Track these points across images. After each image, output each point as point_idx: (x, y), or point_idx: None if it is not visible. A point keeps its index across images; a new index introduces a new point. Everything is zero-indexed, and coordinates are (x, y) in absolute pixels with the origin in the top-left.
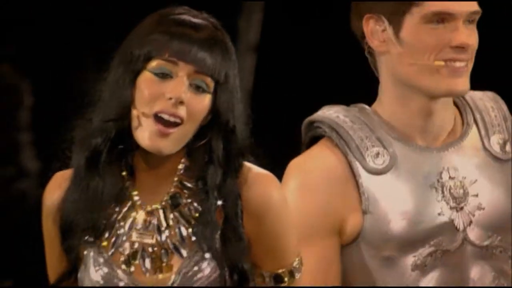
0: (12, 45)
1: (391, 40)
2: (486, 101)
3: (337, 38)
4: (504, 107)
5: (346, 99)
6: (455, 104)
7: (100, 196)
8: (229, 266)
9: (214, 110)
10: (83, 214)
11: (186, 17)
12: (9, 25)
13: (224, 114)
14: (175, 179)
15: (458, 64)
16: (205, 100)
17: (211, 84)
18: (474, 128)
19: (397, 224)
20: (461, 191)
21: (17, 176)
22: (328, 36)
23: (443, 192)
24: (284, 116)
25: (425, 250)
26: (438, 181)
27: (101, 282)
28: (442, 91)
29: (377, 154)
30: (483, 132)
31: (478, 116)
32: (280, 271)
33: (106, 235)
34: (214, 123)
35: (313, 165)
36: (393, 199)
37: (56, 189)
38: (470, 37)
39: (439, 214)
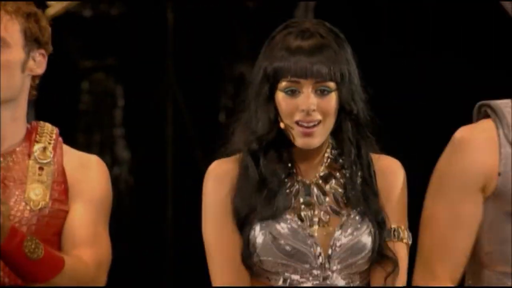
0: (108, 57)
1: None
2: None
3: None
4: None
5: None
6: None
7: (269, 187)
8: (372, 219)
9: (339, 102)
10: (262, 206)
11: (296, 30)
12: (105, 41)
13: (347, 104)
14: (325, 161)
15: None
16: (332, 99)
17: (333, 85)
18: None
19: None
20: None
21: (112, 163)
22: (374, 31)
23: None
24: None
25: None
26: None
27: (287, 231)
28: None
29: None
30: None
31: None
32: (394, 226)
33: (284, 204)
34: (341, 111)
35: (474, 131)
36: None
37: (222, 167)
38: None
39: None
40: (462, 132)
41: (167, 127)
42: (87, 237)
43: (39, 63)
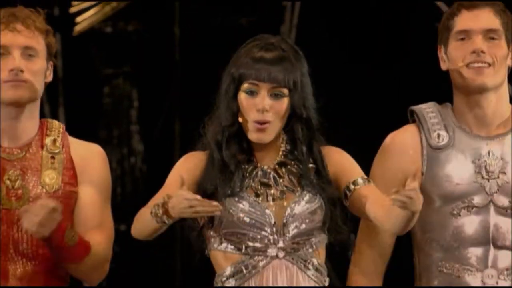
0: (125, 65)
1: (445, 59)
2: None
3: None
4: None
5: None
6: None
7: (231, 171)
8: (326, 198)
9: (292, 107)
10: (222, 185)
11: (261, 44)
12: (123, 52)
13: (298, 109)
14: (280, 153)
15: (477, 65)
16: (284, 103)
17: (285, 91)
18: None
19: (444, 184)
20: (495, 168)
21: (129, 154)
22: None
23: (481, 166)
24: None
25: (460, 204)
26: (479, 159)
27: (246, 207)
28: (470, 86)
29: (439, 136)
30: None
31: None
32: (350, 180)
33: (239, 184)
34: (293, 115)
35: (397, 137)
36: (444, 167)
37: (197, 158)
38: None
39: (474, 181)
40: (388, 138)
41: (174, 124)
42: (97, 221)
43: (50, 72)
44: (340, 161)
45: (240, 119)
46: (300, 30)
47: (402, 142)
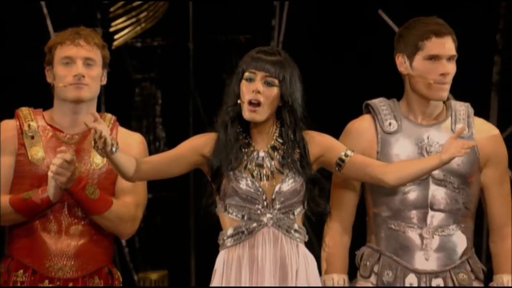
0: (151, 72)
1: (408, 68)
2: (460, 106)
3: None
4: (471, 112)
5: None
6: (445, 104)
7: (231, 145)
8: (306, 178)
9: (281, 97)
10: (225, 160)
11: (263, 49)
12: (149, 62)
13: (286, 97)
14: (274, 137)
15: (442, 84)
16: (274, 91)
17: (276, 81)
18: (449, 119)
19: (394, 161)
20: (433, 148)
21: (154, 140)
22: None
23: (422, 147)
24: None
25: None
26: (421, 142)
27: (243, 186)
28: (432, 98)
29: (390, 124)
30: (453, 121)
31: (453, 113)
32: (342, 153)
33: (239, 164)
34: (282, 103)
35: (357, 123)
36: (394, 147)
37: (207, 136)
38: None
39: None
40: (349, 124)
41: (189, 117)
42: (130, 188)
43: (104, 77)
44: (324, 141)
45: (239, 101)
46: (285, 44)
47: (360, 127)
